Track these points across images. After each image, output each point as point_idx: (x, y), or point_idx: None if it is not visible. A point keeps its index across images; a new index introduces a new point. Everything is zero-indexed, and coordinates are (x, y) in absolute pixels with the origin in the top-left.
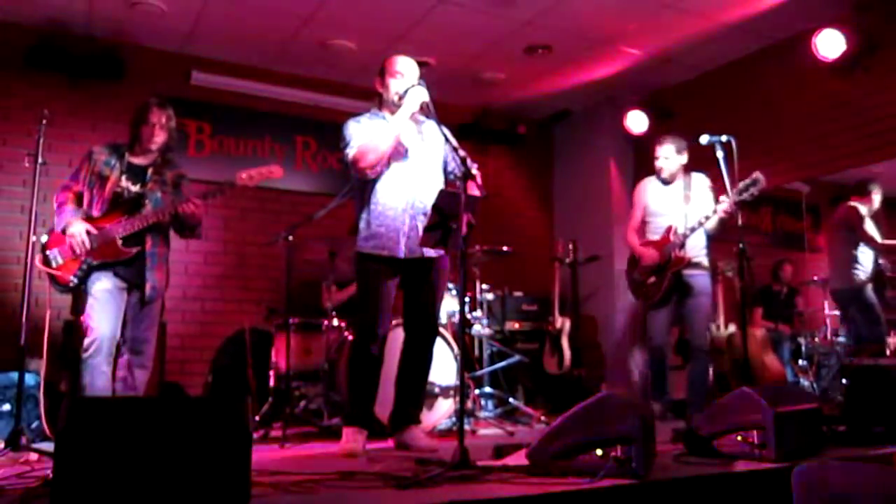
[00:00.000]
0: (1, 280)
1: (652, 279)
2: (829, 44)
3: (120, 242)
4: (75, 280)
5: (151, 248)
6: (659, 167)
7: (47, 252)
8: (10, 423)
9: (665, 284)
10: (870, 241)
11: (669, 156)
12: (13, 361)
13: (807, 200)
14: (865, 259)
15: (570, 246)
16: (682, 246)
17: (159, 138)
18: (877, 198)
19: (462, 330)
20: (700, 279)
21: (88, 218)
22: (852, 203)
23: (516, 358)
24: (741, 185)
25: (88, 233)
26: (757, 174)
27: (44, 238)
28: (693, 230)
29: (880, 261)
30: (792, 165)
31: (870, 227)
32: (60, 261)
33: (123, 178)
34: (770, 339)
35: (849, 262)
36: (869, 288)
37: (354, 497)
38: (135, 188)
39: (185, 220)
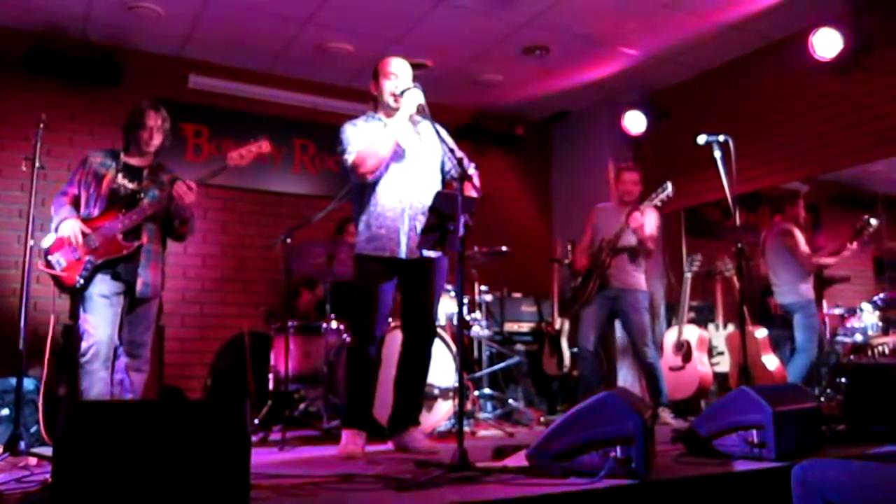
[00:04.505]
0: None
1: (579, 281)
2: (827, 43)
3: (121, 237)
4: (81, 281)
5: (147, 244)
6: (625, 191)
7: (49, 257)
8: (10, 427)
9: (590, 286)
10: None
11: (637, 182)
12: (12, 366)
13: (806, 199)
14: None
15: (569, 247)
16: (610, 255)
17: (156, 141)
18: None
19: (461, 331)
20: (630, 298)
21: (88, 217)
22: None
23: (515, 359)
24: (652, 194)
25: (83, 232)
26: (667, 183)
27: (45, 243)
28: (616, 242)
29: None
30: (790, 165)
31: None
32: (63, 263)
33: (119, 175)
34: (770, 339)
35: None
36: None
37: (354, 499)
38: (131, 185)
39: (180, 210)
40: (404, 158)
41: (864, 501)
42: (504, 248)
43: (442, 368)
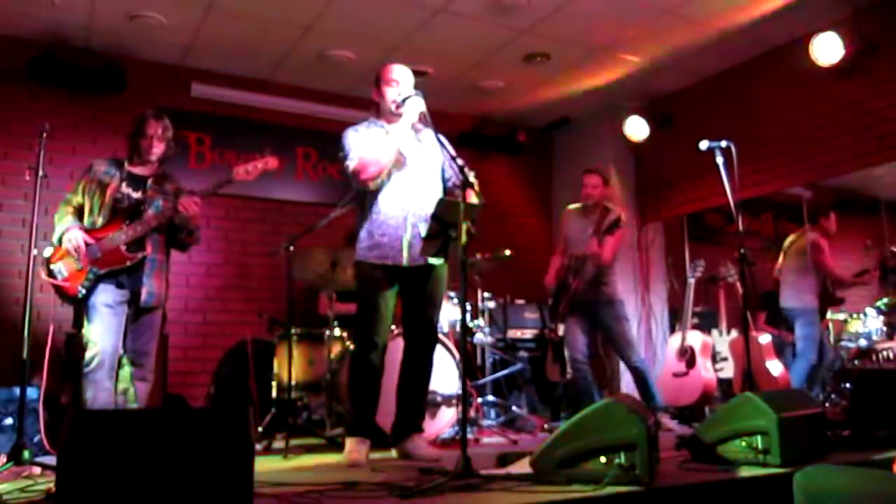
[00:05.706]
0: (2, 294)
1: (550, 301)
2: (828, 48)
3: (124, 248)
4: (83, 291)
5: (151, 253)
6: (585, 195)
7: (51, 266)
8: (13, 437)
9: (561, 307)
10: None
11: (598, 185)
12: (15, 375)
13: (808, 205)
14: None
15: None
16: (577, 274)
17: (158, 149)
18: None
19: (464, 338)
20: (607, 310)
21: (92, 227)
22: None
23: (518, 366)
24: (606, 222)
25: (86, 242)
26: (621, 214)
27: (47, 252)
28: (580, 269)
29: None
30: (792, 170)
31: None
32: (65, 273)
33: (124, 185)
34: (774, 345)
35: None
36: None
37: None
38: (135, 195)
39: (186, 221)
40: (406, 166)
41: None
42: (507, 252)
43: (445, 375)
